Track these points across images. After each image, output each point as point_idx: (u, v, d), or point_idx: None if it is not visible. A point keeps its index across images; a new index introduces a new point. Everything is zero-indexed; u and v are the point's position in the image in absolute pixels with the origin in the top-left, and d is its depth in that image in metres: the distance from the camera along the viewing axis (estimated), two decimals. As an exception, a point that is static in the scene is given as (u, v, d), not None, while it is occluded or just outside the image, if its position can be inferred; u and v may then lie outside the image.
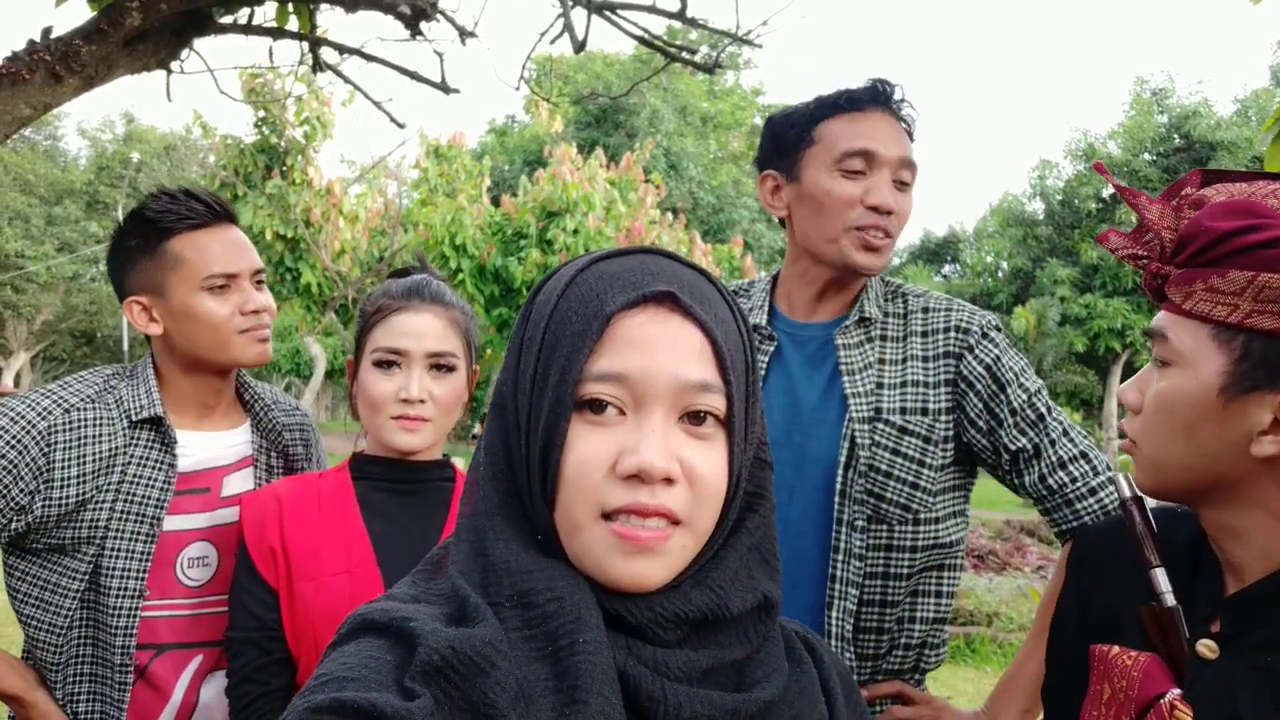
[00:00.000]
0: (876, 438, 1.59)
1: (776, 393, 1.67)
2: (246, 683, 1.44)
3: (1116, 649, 1.02)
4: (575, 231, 12.50)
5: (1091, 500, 1.53)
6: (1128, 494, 1.11)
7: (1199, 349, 0.98)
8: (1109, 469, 1.53)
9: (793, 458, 1.62)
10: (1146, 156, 21.44)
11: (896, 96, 1.66)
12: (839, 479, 1.59)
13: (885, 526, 1.58)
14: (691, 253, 13.62)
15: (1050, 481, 1.55)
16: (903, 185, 1.63)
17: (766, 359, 1.70)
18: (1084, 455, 1.56)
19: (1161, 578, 1.03)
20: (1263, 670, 0.96)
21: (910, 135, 1.67)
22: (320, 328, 13.73)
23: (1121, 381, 1.23)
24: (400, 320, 1.54)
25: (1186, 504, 1.06)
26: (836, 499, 1.59)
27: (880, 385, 1.63)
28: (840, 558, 1.58)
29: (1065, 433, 1.57)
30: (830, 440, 1.61)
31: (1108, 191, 21.64)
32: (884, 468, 1.58)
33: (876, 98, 1.65)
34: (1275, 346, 0.94)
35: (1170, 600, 1.02)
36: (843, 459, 1.59)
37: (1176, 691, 0.96)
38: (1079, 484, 1.54)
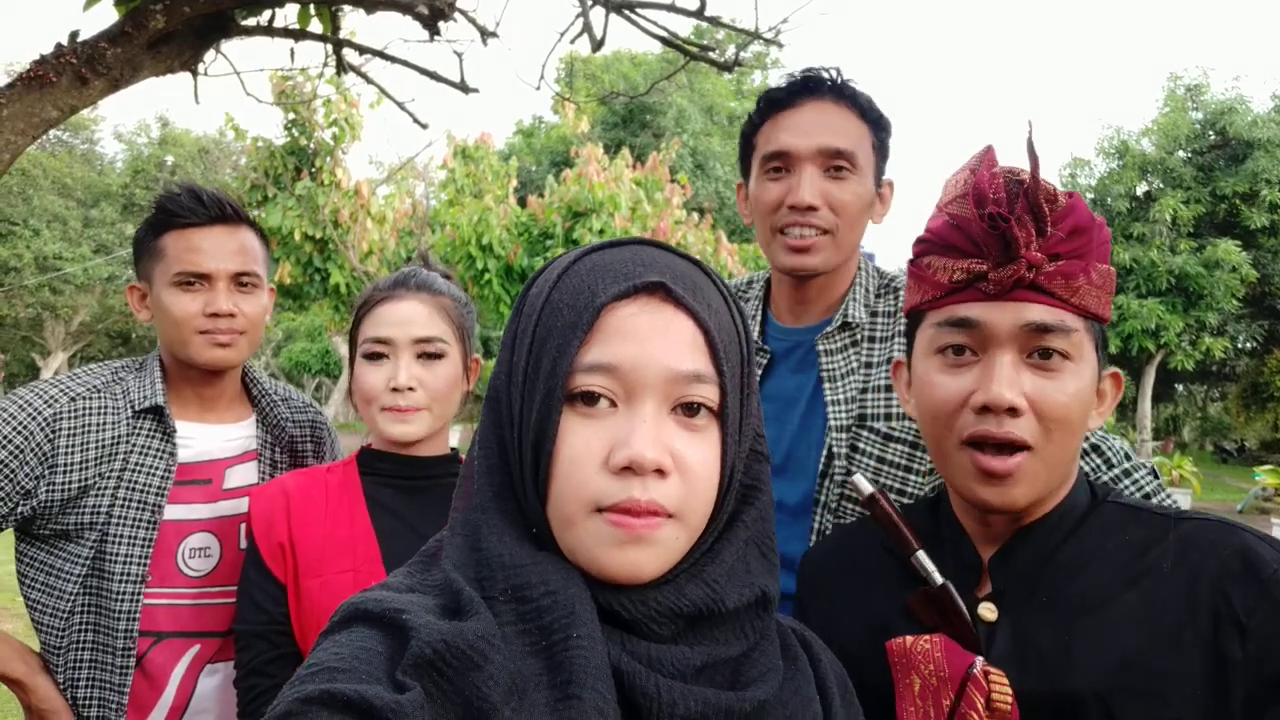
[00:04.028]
0: (860, 445, 1.55)
1: (769, 400, 1.63)
2: (255, 675, 1.45)
3: (910, 639, 1.02)
4: (601, 231, 12.51)
5: None
6: (869, 490, 1.13)
7: (1085, 341, 1.01)
8: (1128, 457, 1.44)
9: (783, 465, 1.59)
10: (1181, 154, 21.05)
11: (830, 80, 1.57)
12: (816, 488, 1.56)
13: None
14: (718, 252, 13.59)
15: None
16: (838, 173, 1.54)
17: (759, 371, 1.65)
18: (1095, 448, 1.46)
19: (926, 560, 1.07)
20: (1047, 610, 1.02)
21: (865, 115, 1.58)
22: (348, 328, 13.86)
23: (1155, 383, 1.17)
24: (385, 310, 1.55)
25: (1029, 507, 1.04)
26: (815, 509, 1.56)
27: (865, 390, 1.57)
28: None
29: None
30: (817, 449, 1.58)
31: (1141, 190, 21.30)
32: (867, 476, 1.52)
33: (803, 89, 1.57)
34: (1103, 331, 1.05)
35: (939, 578, 1.05)
36: (820, 468, 1.56)
37: (981, 659, 0.99)
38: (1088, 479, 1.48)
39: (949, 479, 1.07)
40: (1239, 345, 22.94)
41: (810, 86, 1.57)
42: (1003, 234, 0.98)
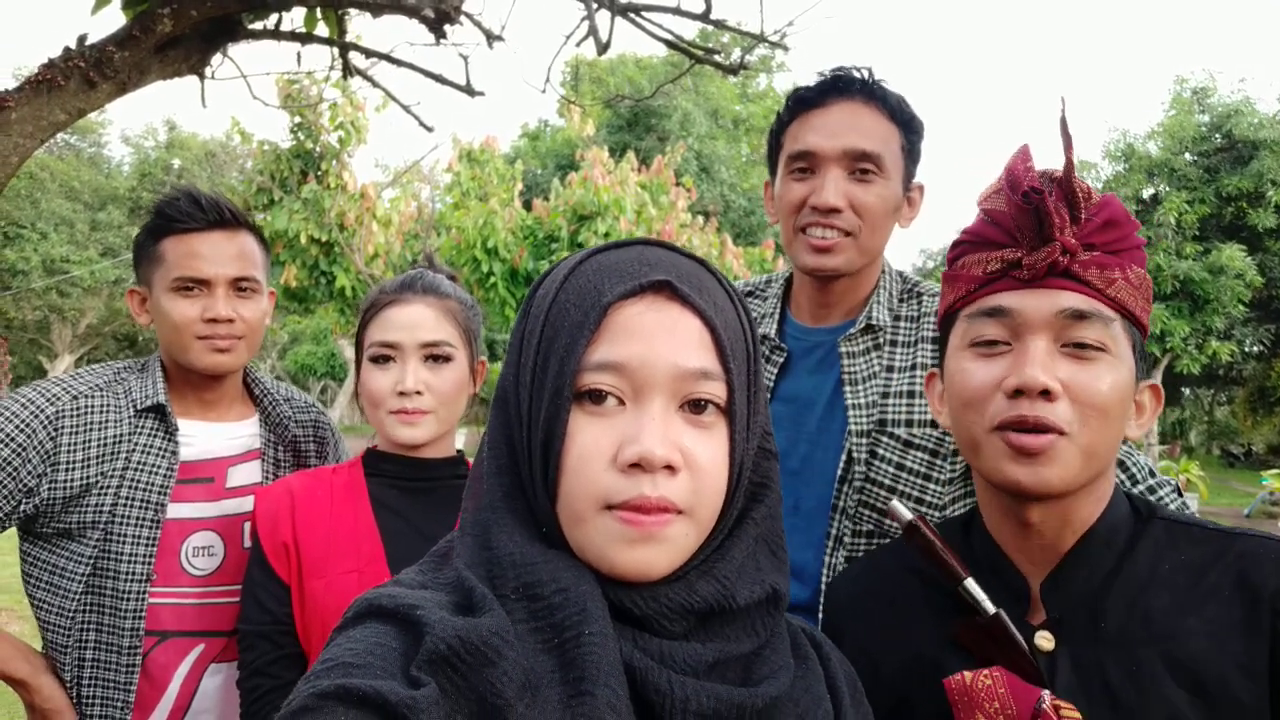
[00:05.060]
0: (880, 450, 1.52)
1: (785, 401, 1.62)
2: (259, 675, 1.45)
3: (969, 675, 0.97)
4: (606, 235, 12.50)
5: None
6: (908, 517, 1.09)
7: (1121, 338, 0.99)
8: (1152, 474, 1.42)
9: (800, 468, 1.58)
10: (1187, 156, 21.01)
11: (861, 80, 1.55)
12: (833, 493, 1.54)
13: (888, 541, 1.51)
14: (723, 256, 13.58)
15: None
16: (863, 175, 1.53)
17: (776, 370, 1.64)
18: (1119, 464, 1.41)
19: (975, 588, 1.02)
20: (1111, 639, 0.98)
21: (896, 117, 1.56)
22: (354, 331, 13.88)
23: (1162, 387, 1.13)
24: (392, 313, 1.55)
25: (1068, 493, 1.00)
26: (832, 514, 1.54)
27: (886, 395, 1.55)
28: (829, 575, 1.53)
29: None
30: (835, 452, 1.56)
31: (1147, 192, 21.25)
32: (887, 482, 1.51)
33: (832, 88, 1.55)
34: (1141, 340, 1.02)
35: (991, 607, 1.01)
36: (839, 473, 1.54)
37: (1048, 693, 0.95)
38: None
39: (980, 468, 1.03)
40: (1246, 349, 22.87)
41: (840, 86, 1.55)
42: (1036, 209, 0.97)
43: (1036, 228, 0.98)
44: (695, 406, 0.75)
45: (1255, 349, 23.31)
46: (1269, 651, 0.92)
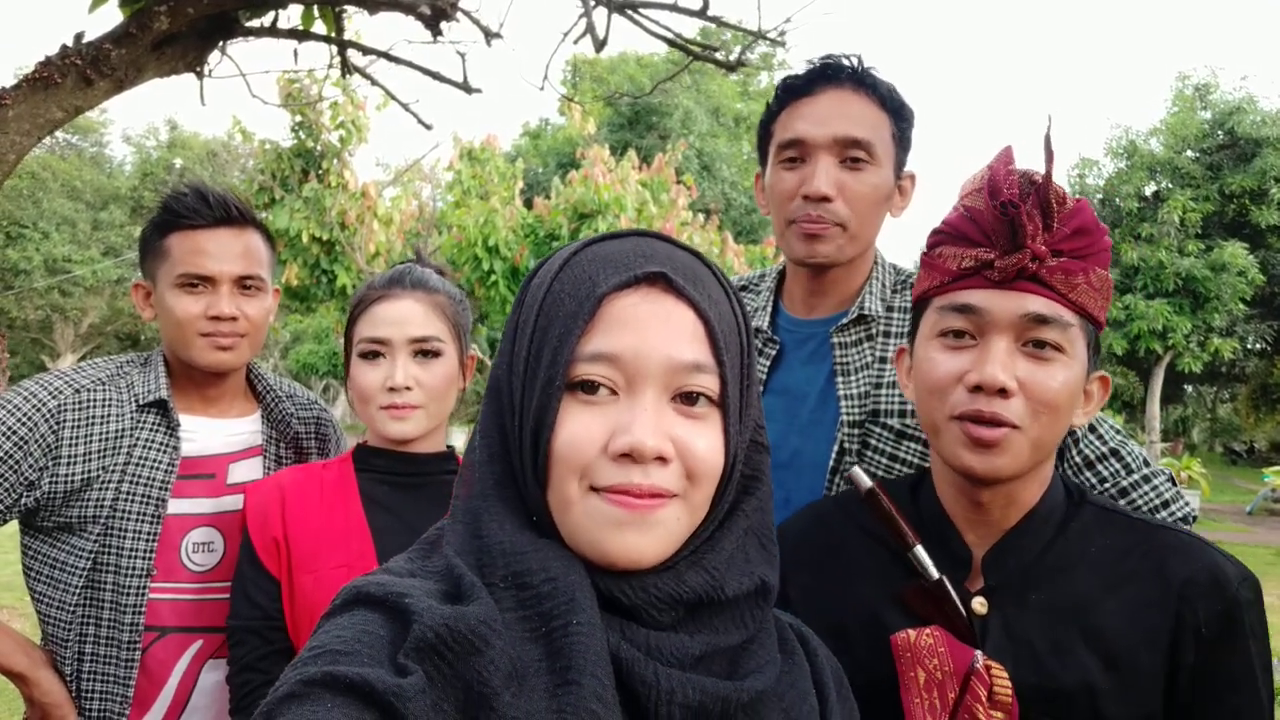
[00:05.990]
0: (872, 441, 1.51)
1: (777, 393, 1.61)
2: (248, 670, 1.45)
3: (913, 633, 1.08)
4: (607, 233, 12.45)
5: (1123, 502, 1.40)
6: (868, 484, 1.18)
7: (1078, 338, 1.08)
8: (1147, 463, 1.43)
9: (790, 460, 1.57)
10: (1189, 153, 20.96)
11: (850, 68, 1.54)
12: (825, 484, 1.53)
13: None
14: (724, 253, 13.57)
15: (1076, 482, 1.36)
16: (854, 163, 1.51)
17: (768, 362, 1.63)
18: (1114, 453, 1.42)
19: (923, 555, 1.12)
20: (1039, 609, 1.09)
21: (886, 104, 1.55)
22: (354, 329, 13.84)
23: (1164, 384, 1.20)
24: (381, 309, 1.55)
25: (1015, 479, 1.09)
26: None
27: (879, 385, 1.54)
28: None
29: (1092, 429, 1.43)
30: (827, 444, 1.55)
31: (1149, 190, 21.21)
32: (879, 473, 1.50)
33: (821, 76, 1.54)
34: (1097, 334, 1.12)
35: (935, 572, 1.11)
36: (830, 464, 1.53)
37: (981, 654, 1.06)
38: (1108, 484, 1.41)
39: (939, 450, 1.13)
40: (1248, 346, 22.84)
41: (829, 74, 1.54)
42: (1012, 220, 1.04)
43: (1010, 235, 1.05)
44: (687, 399, 0.75)
45: (1257, 346, 23.31)
46: (1171, 629, 1.05)
